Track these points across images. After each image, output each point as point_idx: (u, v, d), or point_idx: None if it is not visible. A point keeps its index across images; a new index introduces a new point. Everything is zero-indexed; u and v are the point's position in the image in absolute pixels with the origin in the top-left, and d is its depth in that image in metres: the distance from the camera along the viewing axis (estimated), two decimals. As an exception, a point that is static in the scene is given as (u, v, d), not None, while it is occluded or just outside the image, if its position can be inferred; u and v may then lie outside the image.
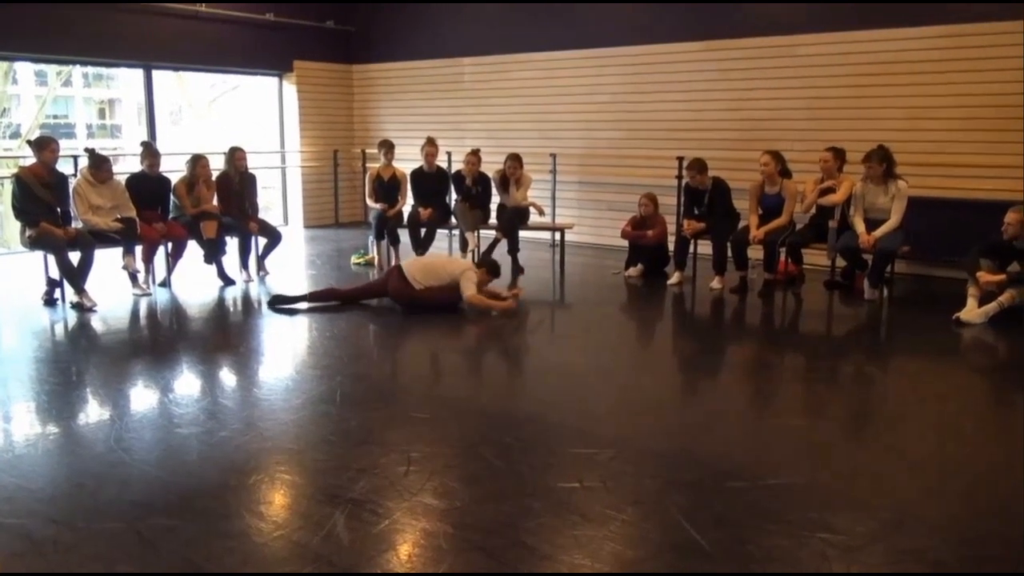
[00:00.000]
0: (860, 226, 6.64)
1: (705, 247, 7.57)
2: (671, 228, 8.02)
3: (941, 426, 4.08)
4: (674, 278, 7.45)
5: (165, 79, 18.24)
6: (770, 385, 4.98)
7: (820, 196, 6.88)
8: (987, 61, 7.20)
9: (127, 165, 10.75)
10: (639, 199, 7.88)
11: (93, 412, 4.23)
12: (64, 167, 7.32)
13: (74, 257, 6.40)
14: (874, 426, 4.21)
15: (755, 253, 7.20)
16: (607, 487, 3.25)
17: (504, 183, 8.09)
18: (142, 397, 4.46)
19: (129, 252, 6.78)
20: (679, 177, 8.35)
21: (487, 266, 6.52)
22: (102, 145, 22.70)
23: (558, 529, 2.90)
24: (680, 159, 8.31)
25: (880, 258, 6.59)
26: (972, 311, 5.92)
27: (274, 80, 11.51)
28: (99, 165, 6.65)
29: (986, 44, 7.19)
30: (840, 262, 7.11)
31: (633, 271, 7.86)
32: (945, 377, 5.01)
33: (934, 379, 4.98)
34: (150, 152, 7.21)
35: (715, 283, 7.20)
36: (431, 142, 8.27)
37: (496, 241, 8.02)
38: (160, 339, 5.81)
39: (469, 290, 6.18)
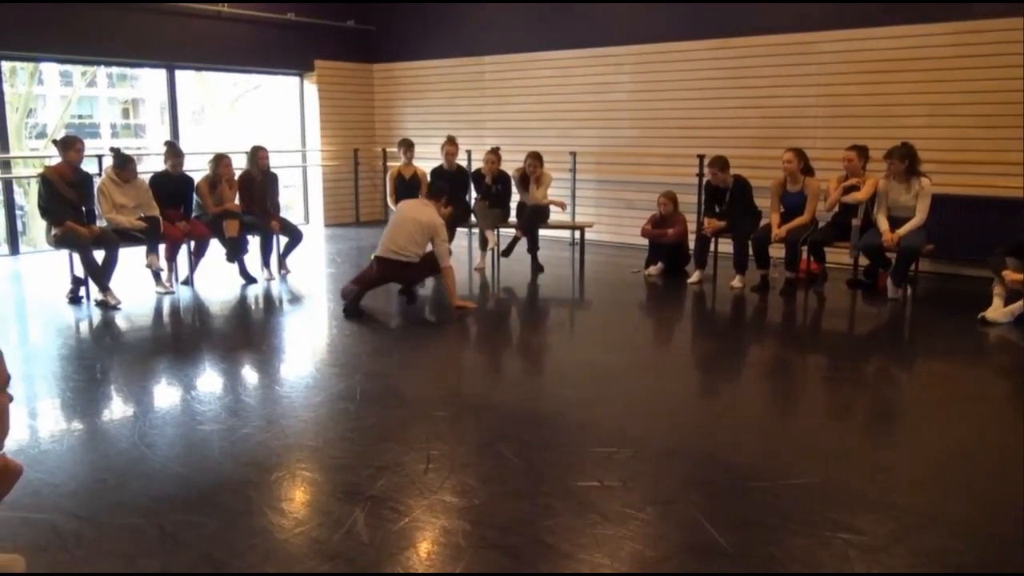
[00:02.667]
0: (883, 224, 6.57)
1: (726, 245, 7.52)
2: (691, 227, 7.98)
3: (965, 426, 4.03)
4: (694, 277, 7.42)
5: (188, 79, 18.40)
6: (791, 385, 4.95)
7: (844, 194, 6.82)
8: (1008, 57, 7.10)
9: (151, 164, 10.85)
10: (658, 198, 7.85)
11: (117, 409, 4.28)
12: (89, 166, 7.40)
13: (98, 256, 6.48)
14: (897, 426, 4.17)
15: (777, 252, 7.15)
16: (626, 486, 3.24)
17: (524, 181, 8.09)
18: (165, 394, 4.50)
19: (152, 251, 6.84)
20: (699, 175, 8.31)
21: (436, 194, 6.58)
22: (126, 144, 22.97)
23: (577, 528, 2.90)
24: (700, 157, 8.27)
25: (904, 256, 6.52)
26: (998, 310, 5.84)
27: (295, 79, 11.58)
28: (123, 164, 6.72)
29: (1007, 40, 7.10)
30: (863, 260, 7.04)
31: (653, 270, 7.83)
32: (970, 377, 4.95)
33: (958, 379, 4.92)
34: (174, 152, 7.27)
35: (736, 282, 7.16)
36: (451, 141, 8.27)
37: (516, 240, 8.02)
38: (183, 337, 5.86)
39: (447, 260, 6.30)
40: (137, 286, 6.98)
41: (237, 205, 7.44)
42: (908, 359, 5.45)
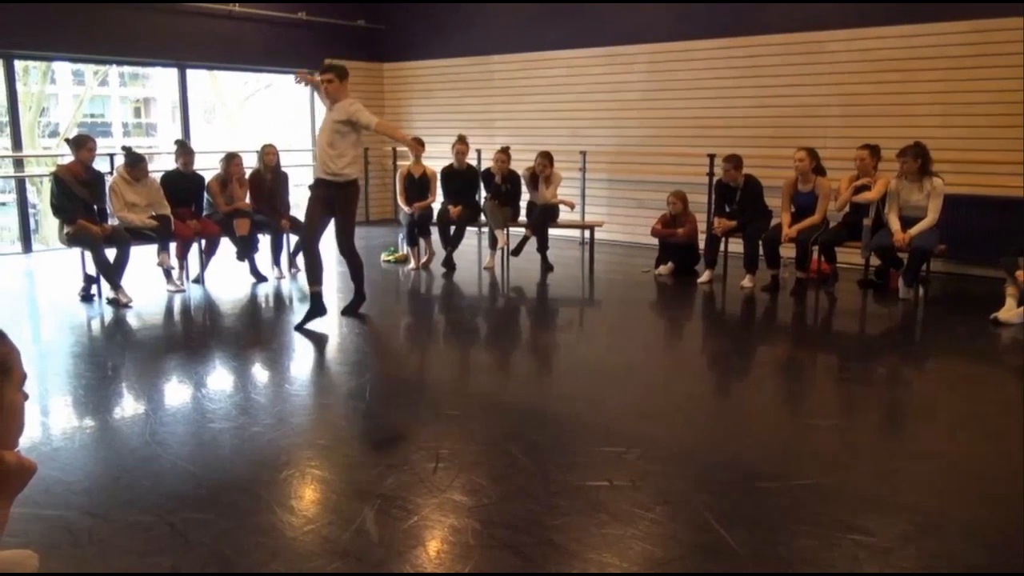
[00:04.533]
0: (895, 224, 6.54)
1: (736, 245, 7.50)
2: (701, 226, 7.96)
3: (976, 428, 4.01)
4: (704, 276, 7.40)
5: (199, 78, 18.46)
6: (801, 385, 4.93)
7: (855, 194, 6.79)
8: (1021, 56, 7.04)
9: (162, 163, 10.90)
10: (667, 197, 7.83)
11: (128, 407, 4.30)
12: (101, 165, 7.44)
13: (110, 254, 6.51)
14: (907, 427, 4.15)
15: (787, 251, 7.13)
16: (635, 486, 3.24)
17: (534, 181, 8.09)
18: (176, 392, 4.52)
19: (164, 249, 6.88)
20: (710, 174, 8.29)
21: None
22: (137, 143, 23.06)
23: (586, 527, 2.90)
24: (711, 156, 8.25)
25: (915, 256, 6.49)
26: (1010, 311, 5.80)
27: (306, 79, 11.59)
28: (135, 163, 6.75)
29: (1019, 39, 7.04)
30: (874, 260, 7.01)
31: (663, 269, 7.81)
32: (981, 378, 4.93)
33: (970, 380, 4.89)
34: (184, 150, 7.31)
35: (746, 281, 7.14)
36: (461, 140, 8.28)
37: (525, 239, 8.02)
38: (193, 335, 5.88)
39: (373, 120, 5.62)
40: (148, 284, 7.02)
41: (248, 204, 7.47)
42: (919, 360, 5.42)
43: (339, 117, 5.72)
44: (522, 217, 8.27)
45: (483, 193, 8.45)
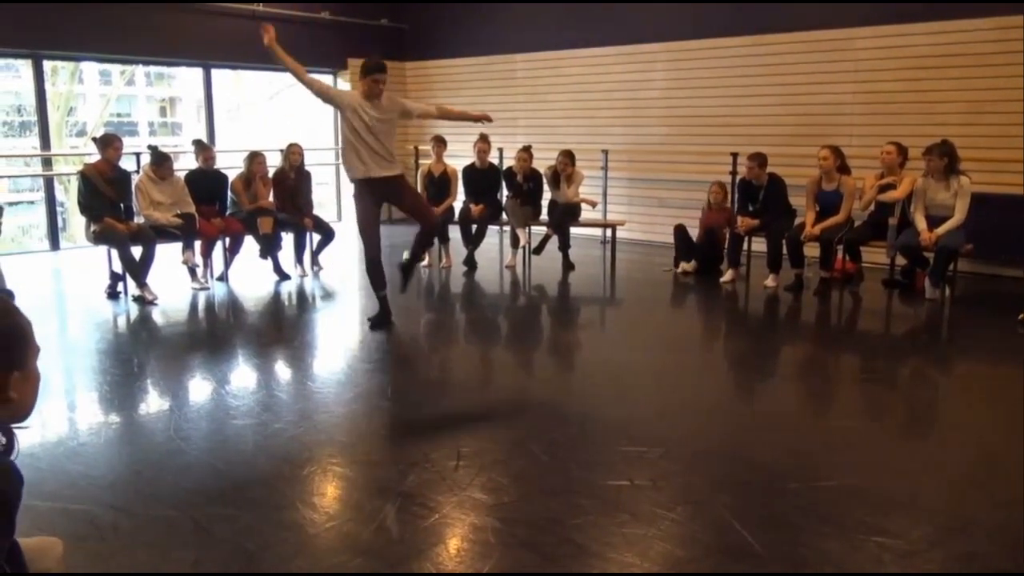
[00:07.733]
0: (921, 223, 6.46)
1: (760, 244, 7.45)
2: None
3: (1002, 431, 3.95)
4: (728, 276, 7.35)
5: (223, 77, 18.56)
6: (825, 386, 4.89)
7: (880, 192, 6.72)
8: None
9: (187, 162, 11.01)
10: (711, 186, 7.67)
11: (153, 402, 4.35)
12: (127, 164, 7.52)
13: (136, 252, 6.58)
14: (933, 429, 4.10)
15: (811, 251, 7.06)
16: (656, 486, 3.23)
17: (556, 179, 8.07)
18: (200, 388, 4.56)
19: (188, 247, 6.94)
20: (733, 173, 8.23)
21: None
22: (163, 142, 23.27)
23: (607, 527, 2.89)
24: (734, 155, 8.19)
25: (942, 256, 6.40)
26: (1039, 312, 5.73)
27: (329, 77, 11.65)
28: (160, 162, 6.82)
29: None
30: (900, 260, 6.93)
31: (686, 266, 7.76)
32: (1008, 380, 4.85)
33: (997, 382, 4.82)
34: (203, 147, 7.39)
35: (769, 281, 7.09)
36: (483, 139, 8.27)
37: (547, 237, 8.01)
38: (217, 332, 5.93)
39: (432, 108, 5.95)
40: (173, 282, 7.08)
41: (271, 202, 7.52)
42: (945, 361, 5.36)
43: (390, 111, 5.85)
44: (544, 216, 8.26)
45: (505, 192, 8.45)
